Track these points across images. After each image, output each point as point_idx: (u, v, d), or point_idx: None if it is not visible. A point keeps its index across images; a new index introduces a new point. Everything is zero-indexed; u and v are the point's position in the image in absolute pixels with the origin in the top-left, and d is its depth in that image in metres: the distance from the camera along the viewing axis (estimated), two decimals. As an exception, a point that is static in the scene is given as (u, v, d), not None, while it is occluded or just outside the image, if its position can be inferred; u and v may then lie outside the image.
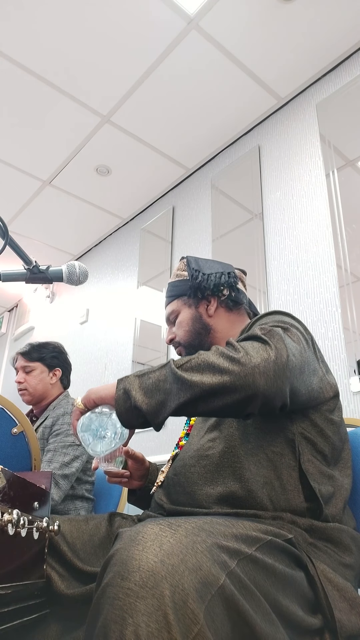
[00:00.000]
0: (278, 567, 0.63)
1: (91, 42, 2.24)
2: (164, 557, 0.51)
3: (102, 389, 0.82)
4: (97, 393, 0.83)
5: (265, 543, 0.64)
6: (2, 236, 1.00)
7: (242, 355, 0.74)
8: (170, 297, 1.20)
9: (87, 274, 1.11)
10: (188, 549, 0.53)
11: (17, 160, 3.01)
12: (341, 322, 1.93)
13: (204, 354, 0.77)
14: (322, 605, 0.66)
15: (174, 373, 0.75)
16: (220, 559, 0.55)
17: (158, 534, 0.55)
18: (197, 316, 1.13)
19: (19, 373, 1.88)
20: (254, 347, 0.76)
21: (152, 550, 0.52)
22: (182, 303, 1.16)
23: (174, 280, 1.21)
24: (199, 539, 0.55)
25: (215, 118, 2.66)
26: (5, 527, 0.59)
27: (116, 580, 0.51)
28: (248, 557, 0.59)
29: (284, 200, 2.38)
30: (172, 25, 2.15)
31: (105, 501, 1.77)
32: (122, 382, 0.79)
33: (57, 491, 1.53)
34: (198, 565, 0.52)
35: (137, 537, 0.55)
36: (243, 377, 0.72)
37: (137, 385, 0.77)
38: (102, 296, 3.63)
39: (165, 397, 0.76)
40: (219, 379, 0.73)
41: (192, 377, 0.74)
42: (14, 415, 1.30)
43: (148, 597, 0.48)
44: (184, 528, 0.57)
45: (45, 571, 0.74)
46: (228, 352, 0.76)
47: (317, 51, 2.26)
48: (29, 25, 2.17)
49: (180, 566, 0.51)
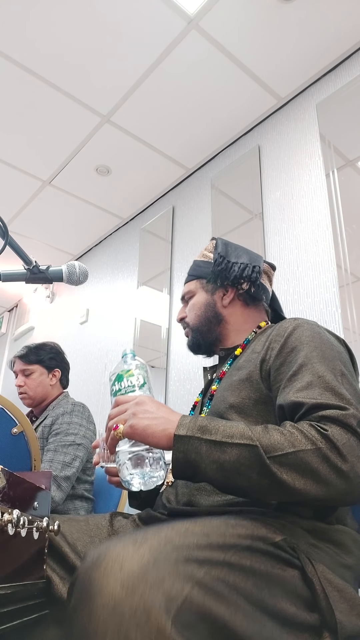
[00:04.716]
0: (258, 568, 0.63)
1: (91, 42, 2.24)
2: (124, 579, 0.51)
3: (153, 432, 0.71)
4: (145, 434, 0.71)
5: (242, 547, 0.63)
6: (2, 236, 1.00)
7: (349, 467, 0.66)
8: (190, 275, 1.16)
9: (87, 274, 1.11)
10: (150, 566, 0.53)
11: (17, 160, 3.01)
12: (341, 322, 1.93)
13: (302, 448, 0.67)
14: (320, 606, 0.66)
15: (263, 464, 0.66)
16: (186, 571, 0.54)
17: (119, 553, 0.54)
18: (212, 303, 1.10)
19: (18, 377, 1.88)
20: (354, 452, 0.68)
21: (113, 574, 0.52)
22: (199, 285, 1.12)
23: (199, 259, 1.16)
24: (161, 556, 0.55)
25: (215, 118, 2.66)
26: (5, 527, 0.59)
27: (80, 605, 0.52)
28: (220, 562, 0.59)
29: (284, 200, 2.38)
30: (172, 25, 2.15)
31: (105, 501, 1.77)
32: (184, 443, 0.69)
33: (59, 493, 1.53)
34: (160, 581, 0.52)
35: (99, 559, 0.55)
36: (350, 493, 0.67)
37: (209, 458, 0.68)
38: (102, 296, 3.63)
39: (246, 486, 0.68)
40: (323, 493, 0.66)
41: (288, 478, 0.66)
42: (14, 415, 1.30)
43: (109, 622, 0.49)
44: (149, 544, 0.56)
45: (45, 572, 0.74)
46: (334, 458, 0.66)
47: (317, 51, 2.26)
48: (29, 25, 2.17)
49: (141, 585, 0.51)
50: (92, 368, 3.40)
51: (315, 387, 0.76)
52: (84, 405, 1.80)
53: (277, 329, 0.96)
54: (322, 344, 0.86)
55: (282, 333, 0.92)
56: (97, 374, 3.33)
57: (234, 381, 0.93)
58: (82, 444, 1.65)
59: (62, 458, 1.59)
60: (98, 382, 3.28)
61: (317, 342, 0.86)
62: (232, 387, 0.92)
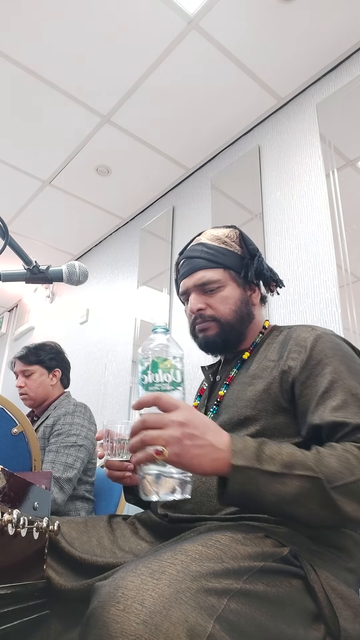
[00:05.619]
0: (271, 592, 0.62)
1: (91, 42, 2.24)
2: (146, 617, 0.49)
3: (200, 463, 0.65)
4: (191, 465, 0.65)
5: (256, 571, 0.63)
6: (2, 236, 1.00)
7: None
8: (211, 261, 1.02)
9: (87, 274, 1.11)
10: (172, 601, 0.51)
11: (17, 160, 3.01)
12: (341, 322, 1.93)
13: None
14: (324, 613, 0.66)
15: (327, 496, 0.66)
16: (207, 603, 0.53)
17: (139, 587, 0.52)
18: (246, 300, 1.03)
19: (18, 377, 1.88)
20: None
21: (134, 610, 0.50)
22: (229, 277, 1.02)
23: (218, 245, 1.04)
24: (183, 587, 0.54)
25: (215, 118, 2.66)
26: (5, 527, 0.59)
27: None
28: (238, 592, 0.58)
29: (284, 200, 2.38)
30: (172, 25, 2.15)
31: (105, 502, 1.77)
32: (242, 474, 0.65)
33: (61, 495, 1.52)
34: (184, 618, 0.50)
35: (116, 594, 0.52)
36: None
37: (269, 490, 0.66)
38: (102, 296, 3.63)
39: (304, 516, 0.67)
40: None
41: (349, 508, 0.66)
42: (14, 415, 1.31)
43: None
44: (168, 575, 0.55)
45: (45, 572, 0.74)
46: None
47: (317, 51, 2.26)
48: (29, 25, 2.17)
49: (165, 623, 0.49)
50: (92, 368, 3.40)
51: (352, 406, 0.77)
52: (85, 406, 1.80)
53: (293, 338, 0.93)
54: (346, 357, 0.86)
55: (301, 343, 0.90)
56: (97, 374, 3.33)
57: (249, 392, 0.91)
58: (83, 445, 1.65)
59: (64, 459, 1.59)
60: (98, 382, 3.27)
61: (341, 355, 0.86)
62: (248, 398, 0.90)
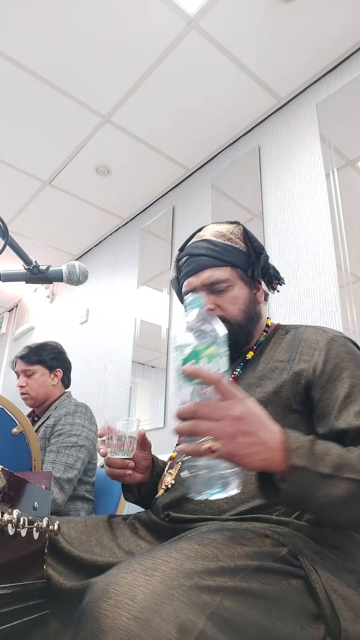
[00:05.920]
0: (268, 590, 0.62)
1: (91, 42, 2.24)
2: (137, 612, 0.50)
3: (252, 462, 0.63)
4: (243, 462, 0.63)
5: (253, 569, 0.62)
6: (2, 236, 1.00)
7: None
8: (219, 259, 0.99)
9: (87, 274, 1.11)
10: (163, 597, 0.51)
11: (17, 160, 3.01)
12: (341, 322, 1.93)
13: None
14: (325, 614, 0.65)
15: None
16: (200, 600, 0.53)
17: (131, 584, 0.53)
18: (253, 299, 1.01)
19: (20, 377, 1.88)
20: None
21: (125, 606, 0.50)
22: (237, 276, 0.99)
23: (224, 242, 1.01)
24: (175, 584, 0.54)
25: (215, 118, 2.66)
26: (5, 527, 0.59)
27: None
28: (232, 589, 0.58)
29: (284, 200, 2.38)
30: (172, 25, 2.15)
31: (105, 502, 1.77)
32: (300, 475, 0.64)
33: (61, 495, 1.52)
34: (175, 614, 0.50)
35: (108, 590, 0.52)
36: None
37: (320, 492, 0.65)
38: (102, 296, 3.63)
39: (349, 518, 0.69)
40: None
41: None
42: (14, 415, 1.31)
43: None
44: (161, 572, 0.55)
45: (45, 572, 0.74)
46: None
47: (317, 51, 2.26)
48: (29, 25, 2.17)
49: (155, 619, 0.49)
50: (92, 368, 3.40)
51: None
52: (86, 406, 1.80)
53: (304, 339, 0.92)
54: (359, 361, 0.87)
55: (313, 345, 0.90)
56: (97, 374, 3.33)
57: (257, 394, 0.90)
58: (84, 446, 1.65)
59: (65, 460, 1.59)
60: (98, 382, 3.28)
61: (356, 359, 0.87)
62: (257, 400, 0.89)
